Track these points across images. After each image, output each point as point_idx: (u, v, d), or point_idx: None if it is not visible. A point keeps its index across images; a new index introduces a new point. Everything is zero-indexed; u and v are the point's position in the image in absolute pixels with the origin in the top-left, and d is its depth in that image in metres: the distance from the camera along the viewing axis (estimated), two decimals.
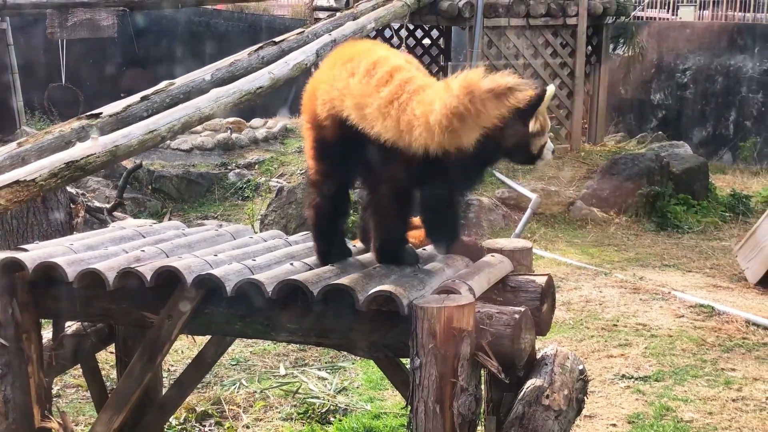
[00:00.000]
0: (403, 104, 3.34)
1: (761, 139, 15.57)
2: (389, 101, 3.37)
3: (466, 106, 3.16)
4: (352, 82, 3.51)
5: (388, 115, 3.35)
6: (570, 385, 3.78)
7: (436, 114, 3.20)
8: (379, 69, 3.50)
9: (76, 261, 3.68)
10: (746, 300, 8.13)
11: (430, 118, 3.21)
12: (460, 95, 3.17)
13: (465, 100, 3.16)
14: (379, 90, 3.41)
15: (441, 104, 3.20)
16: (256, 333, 3.65)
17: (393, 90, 3.38)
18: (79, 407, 5.62)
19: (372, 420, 5.36)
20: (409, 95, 3.35)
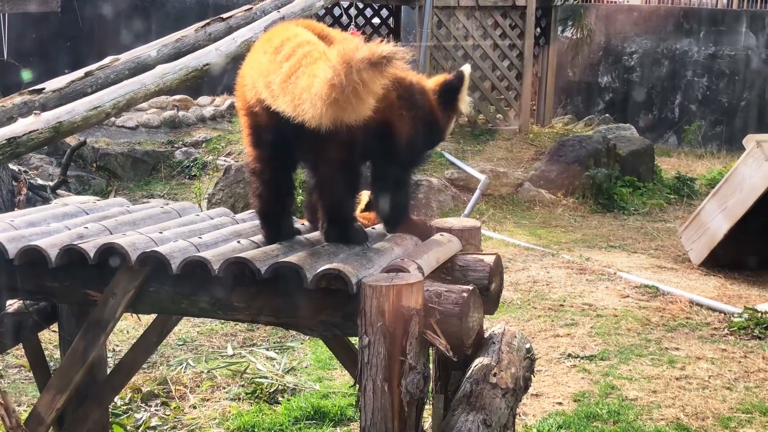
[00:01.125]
0: (297, 77, 3.28)
1: (706, 123, 15.76)
2: (288, 76, 3.31)
3: (343, 77, 3.07)
4: (263, 62, 3.48)
5: (286, 89, 3.29)
6: (517, 363, 3.80)
7: (317, 86, 3.13)
8: (286, 45, 3.46)
9: (16, 237, 3.61)
10: (690, 281, 8.24)
11: (311, 90, 3.15)
12: (337, 66, 3.09)
13: (341, 71, 3.07)
14: (281, 66, 3.36)
15: (322, 76, 3.13)
16: (202, 312, 3.62)
17: (292, 64, 3.33)
18: (22, 387, 5.54)
19: (321, 399, 5.35)
20: (304, 68, 3.29)
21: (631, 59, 16.72)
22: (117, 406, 5.07)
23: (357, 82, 3.07)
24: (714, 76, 15.98)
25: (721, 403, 5.48)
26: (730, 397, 5.56)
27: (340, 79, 3.06)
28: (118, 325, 3.82)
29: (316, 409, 5.20)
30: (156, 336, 4.48)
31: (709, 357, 6.27)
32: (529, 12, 13.26)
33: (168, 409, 5.28)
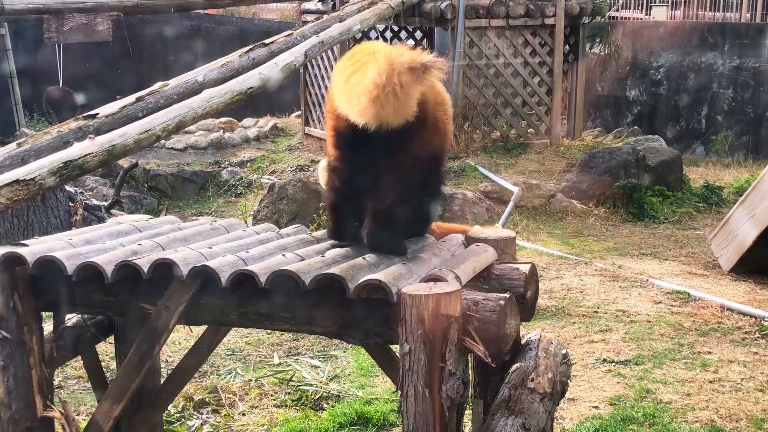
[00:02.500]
0: (353, 78, 3.45)
1: (732, 133, 15.62)
2: (348, 77, 3.49)
3: (384, 77, 3.25)
4: (341, 70, 3.64)
5: (345, 89, 3.47)
6: (554, 368, 3.78)
7: (363, 84, 3.31)
8: (357, 55, 3.62)
9: (74, 255, 3.65)
10: (720, 286, 8.15)
11: (359, 87, 3.33)
12: (381, 67, 3.27)
13: (384, 72, 3.26)
14: (346, 72, 3.54)
15: (369, 76, 3.31)
16: (250, 322, 3.64)
17: (355, 68, 3.49)
18: (80, 397, 5.59)
19: (363, 405, 5.35)
20: (360, 70, 3.45)
21: (658, 73, 16.61)
22: (170, 414, 5.11)
23: (396, 84, 3.25)
24: (739, 87, 15.84)
25: (754, 405, 5.41)
26: (763, 399, 5.49)
27: (382, 79, 3.24)
28: (171, 336, 3.84)
29: (359, 415, 5.20)
30: (206, 346, 4.51)
31: (741, 360, 6.19)
32: (557, 30, 13.22)
33: (218, 416, 5.30)
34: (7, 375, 3.69)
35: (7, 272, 3.64)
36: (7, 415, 3.71)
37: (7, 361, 3.68)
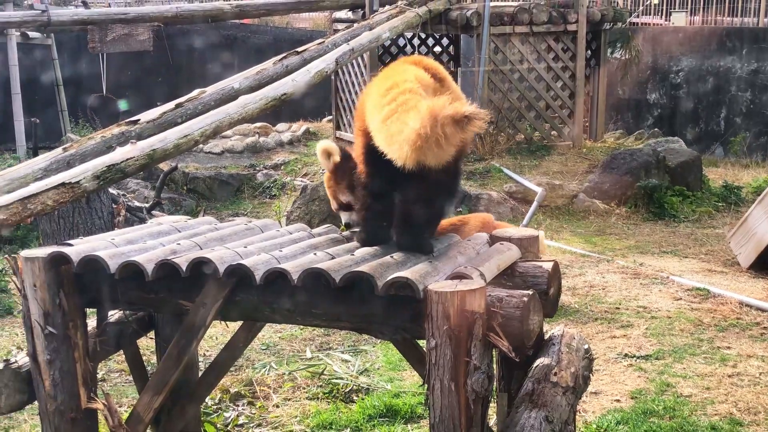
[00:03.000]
0: (392, 121, 3.48)
1: (750, 134, 15.50)
2: (386, 117, 3.51)
3: (428, 129, 3.26)
4: (375, 98, 3.69)
5: (383, 129, 3.51)
6: (576, 363, 3.76)
7: (406, 133, 3.33)
8: (393, 90, 3.62)
9: (117, 254, 3.68)
10: (739, 283, 8.08)
11: (401, 135, 3.36)
12: (425, 118, 3.28)
13: (428, 124, 3.26)
14: (383, 108, 3.56)
15: (411, 125, 3.32)
16: (283, 318, 3.65)
17: (392, 108, 3.52)
18: (122, 390, 5.64)
19: (392, 398, 5.35)
20: (399, 114, 3.47)
21: (678, 77, 16.49)
22: (208, 406, 5.13)
23: (440, 135, 3.27)
24: (757, 90, 15.70)
25: None
26: None
27: (426, 131, 3.25)
28: (208, 331, 3.86)
29: (388, 408, 5.20)
30: (242, 341, 4.53)
31: (759, 355, 6.13)
32: (580, 36, 13.17)
33: (254, 408, 5.33)
34: (53, 368, 3.72)
35: (54, 271, 3.68)
36: (53, 407, 3.75)
37: (53, 355, 3.72)
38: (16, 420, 5.23)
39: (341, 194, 4.10)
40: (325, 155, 4.14)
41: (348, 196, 4.07)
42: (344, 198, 4.10)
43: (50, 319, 3.69)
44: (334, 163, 4.12)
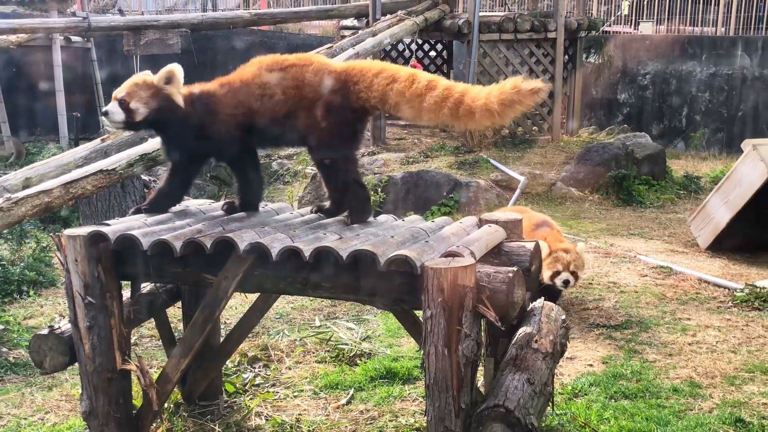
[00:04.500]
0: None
1: (708, 131, 15.49)
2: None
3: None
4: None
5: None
6: (554, 332, 3.76)
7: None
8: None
9: (149, 233, 3.67)
10: (698, 262, 8.06)
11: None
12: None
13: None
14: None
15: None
16: (296, 291, 3.64)
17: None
18: (153, 353, 5.63)
19: (391, 362, 5.35)
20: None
21: (645, 79, 16.45)
22: (228, 368, 5.13)
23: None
24: (714, 91, 15.66)
25: (727, 364, 5.34)
26: (735, 359, 5.42)
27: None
28: (229, 301, 3.85)
29: (387, 370, 5.19)
30: (259, 311, 4.53)
31: (716, 326, 6.12)
32: (558, 43, 13.11)
33: (268, 370, 5.32)
34: (92, 334, 3.72)
35: (93, 247, 3.67)
36: (92, 368, 3.75)
37: (92, 322, 3.72)
38: (59, 379, 5.23)
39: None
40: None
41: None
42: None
43: (90, 290, 3.69)
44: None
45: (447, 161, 11.65)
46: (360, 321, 6.33)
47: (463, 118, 3.57)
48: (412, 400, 4.80)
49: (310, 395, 4.91)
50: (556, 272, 5.94)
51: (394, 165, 11.50)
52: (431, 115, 3.60)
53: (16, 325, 6.26)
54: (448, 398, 3.13)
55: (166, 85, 3.84)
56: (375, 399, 4.81)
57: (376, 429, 4.42)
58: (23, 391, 5.11)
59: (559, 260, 5.93)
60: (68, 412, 4.74)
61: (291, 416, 4.59)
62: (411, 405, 4.72)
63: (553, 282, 5.96)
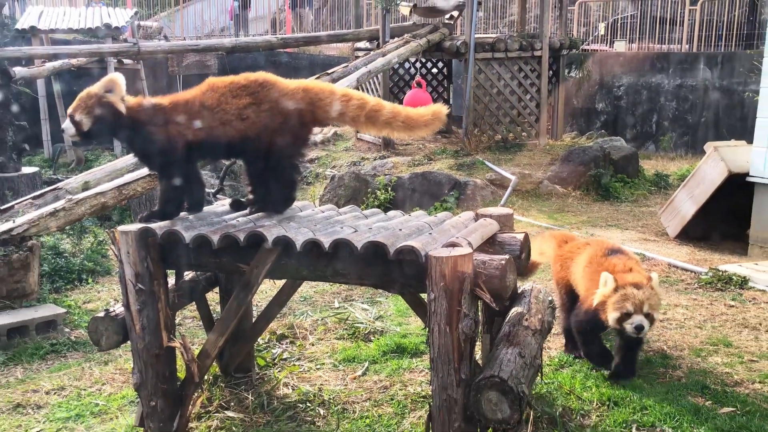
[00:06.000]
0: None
1: (675, 135, 15.42)
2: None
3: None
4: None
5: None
6: (543, 311, 3.73)
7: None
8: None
9: (190, 228, 3.67)
10: (668, 249, 8.01)
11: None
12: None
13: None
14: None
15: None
16: (317, 277, 3.63)
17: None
18: (194, 332, 5.64)
19: (401, 338, 5.33)
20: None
21: (619, 90, 16.35)
22: (259, 345, 5.13)
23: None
24: (680, 101, 15.57)
25: (694, 338, 5.30)
26: (701, 333, 5.37)
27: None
28: (260, 287, 3.84)
29: (397, 345, 5.18)
30: (286, 295, 4.52)
31: (684, 305, 6.07)
32: (544, 60, 13.04)
33: (294, 346, 5.32)
34: (142, 316, 3.72)
35: (143, 241, 3.67)
36: (142, 346, 3.76)
37: (142, 306, 3.72)
38: (114, 355, 5.25)
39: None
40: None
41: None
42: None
43: (140, 278, 3.69)
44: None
45: (448, 163, 11.61)
46: (373, 303, 6.32)
47: (405, 130, 3.83)
48: (419, 371, 4.78)
49: (331, 368, 4.90)
50: (625, 314, 4.14)
51: (402, 167, 11.47)
52: (381, 127, 3.81)
53: (76, 309, 6.28)
54: (450, 370, 3.12)
55: (107, 93, 3.65)
56: (387, 371, 4.79)
57: (387, 397, 4.40)
58: (83, 366, 5.12)
59: (628, 299, 4.12)
60: (122, 383, 4.76)
61: (314, 386, 4.58)
62: (418, 376, 4.71)
63: (622, 327, 4.18)
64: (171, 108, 3.74)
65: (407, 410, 4.18)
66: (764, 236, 7.93)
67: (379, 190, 10.14)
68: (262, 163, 3.81)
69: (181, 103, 3.75)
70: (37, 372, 5.08)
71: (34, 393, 4.65)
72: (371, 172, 11.19)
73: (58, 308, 5.98)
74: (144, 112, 3.72)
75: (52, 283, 6.81)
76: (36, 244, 6.11)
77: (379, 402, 4.32)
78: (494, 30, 21.07)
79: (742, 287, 6.43)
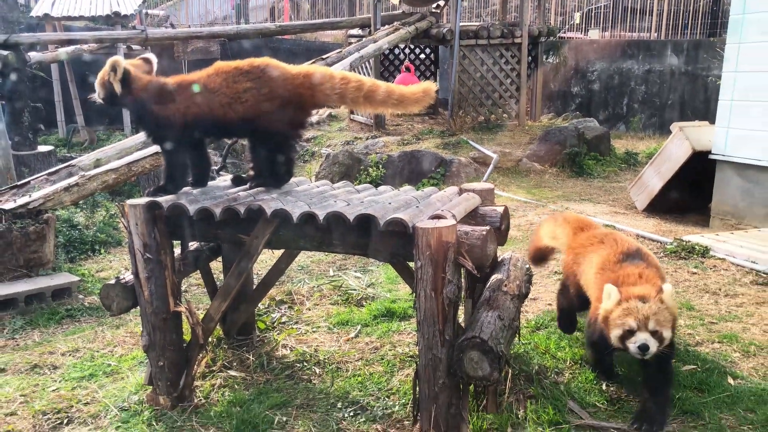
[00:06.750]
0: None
1: (644, 116, 15.40)
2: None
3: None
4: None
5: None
6: (520, 278, 3.73)
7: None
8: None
9: (195, 201, 3.63)
10: (636, 221, 8.02)
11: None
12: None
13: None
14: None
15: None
16: (313, 247, 3.60)
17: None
18: (199, 298, 5.63)
19: (390, 303, 5.34)
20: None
21: (593, 75, 16.28)
22: (260, 310, 5.12)
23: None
24: (649, 84, 15.52)
25: None
26: None
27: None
28: (260, 256, 3.82)
29: (387, 310, 5.19)
30: (284, 263, 4.50)
31: None
32: (523, 46, 12.95)
33: (292, 310, 5.32)
34: (151, 283, 3.70)
35: (150, 214, 3.63)
36: (150, 310, 3.74)
37: (150, 273, 3.69)
38: (124, 320, 5.23)
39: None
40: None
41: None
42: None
43: (148, 248, 3.66)
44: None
45: (435, 142, 11.56)
46: (365, 271, 6.32)
47: (399, 106, 3.75)
48: (407, 333, 4.79)
49: (326, 330, 4.90)
50: (627, 331, 3.27)
51: (392, 146, 11.42)
52: (377, 105, 3.74)
53: (90, 277, 6.25)
54: (435, 332, 3.11)
55: (113, 72, 3.69)
56: (377, 333, 4.80)
57: (378, 357, 4.41)
58: (96, 330, 5.11)
59: (631, 314, 3.27)
60: (132, 345, 4.75)
61: (310, 347, 4.59)
62: (406, 337, 4.72)
63: (625, 346, 3.30)
64: (175, 88, 3.69)
65: (396, 368, 4.20)
66: (724, 209, 7.95)
67: (370, 167, 10.10)
68: (262, 142, 3.77)
69: (185, 84, 3.70)
70: (53, 335, 5.06)
71: (50, 354, 4.63)
72: (363, 151, 11.14)
73: (72, 276, 5.95)
74: (150, 90, 3.69)
75: (67, 253, 6.77)
76: (51, 217, 6.06)
77: (370, 361, 4.33)
78: (478, 18, 20.89)
79: (703, 256, 6.45)
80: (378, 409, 3.72)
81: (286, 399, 3.84)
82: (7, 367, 4.45)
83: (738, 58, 7.67)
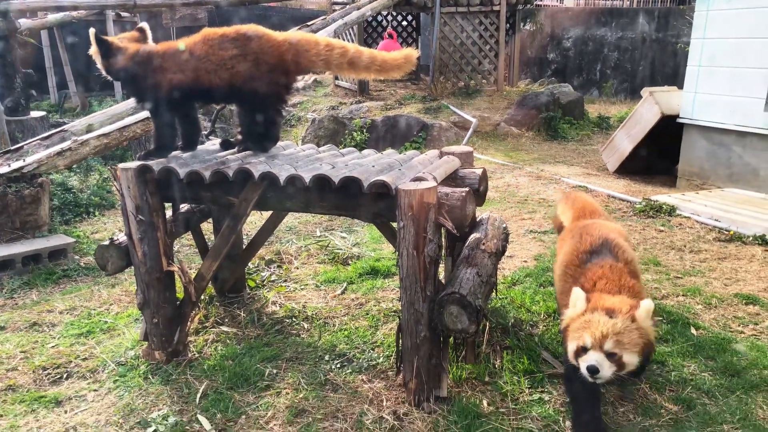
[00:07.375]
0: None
1: (616, 82, 15.37)
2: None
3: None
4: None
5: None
6: (498, 236, 3.74)
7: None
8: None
9: (185, 165, 3.58)
10: (608, 182, 8.06)
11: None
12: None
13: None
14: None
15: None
16: (300, 208, 3.58)
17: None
18: (191, 258, 5.60)
19: (375, 262, 5.35)
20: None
21: (568, 42, 16.17)
22: (250, 269, 5.11)
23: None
24: (621, 51, 15.45)
25: None
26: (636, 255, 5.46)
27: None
28: (248, 218, 3.79)
29: (372, 268, 5.20)
30: (272, 224, 4.48)
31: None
32: (501, 14, 12.79)
33: (281, 269, 5.32)
34: (144, 244, 3.67)
35: (142, 177, 3.58)
36: (144, 270, 3.71)
37: (143, 235, 3.66)
38: (119, 279, 5.21)
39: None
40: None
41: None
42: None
43: (140, 210, 3.62)
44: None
45: (416, 107, 11.48)
46: (351, 232, 6.31)
47: (382, 72, 3.68)
48: (390, 290, 4.82)
49: (313, 288, 4.92)
50: (581, 347, 2.67)
51: (375, 111, 11.32)
52: (361, 71, 3.67)
53: (85, 238, 6.19)
54: (417, 288, 3.13)
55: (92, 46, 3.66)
56: (362, 290, 4.82)
57: (363, 312, 4.44)
58: (92, 289, 5.08)
59: (588, 328, 2.65)
60: (127, 303, 4.73)
61: (299, 303, 4.60)
62: (390, 294, 4.74)
63: (578, 363, 2.68)
64: (162, 55, 3.61)
65: (380, 323, 4.23)
66: (691, 170, 8.01)
67: (355, 132, 10.02)
68: (249, 107, 3.71)
69: (172, 51, 3.62)
70: (50, 294, 5.03)
71: (48, 313, 4.61)
72: (348, 116, 11.03)
73: (68, 238, 5.89)
74: (137, 58, 3.60)
75: (62, 215, 6.69)
76: (45, 180, 5.96)
77: (355, 316, 4.36)
78: None
79: (670, 215, 6.52)
80: (363, 360, 3.75)
81: (276, 352, 3.87)
82: (7, 325, 4.42)
83: (706, 25, 7.63)
